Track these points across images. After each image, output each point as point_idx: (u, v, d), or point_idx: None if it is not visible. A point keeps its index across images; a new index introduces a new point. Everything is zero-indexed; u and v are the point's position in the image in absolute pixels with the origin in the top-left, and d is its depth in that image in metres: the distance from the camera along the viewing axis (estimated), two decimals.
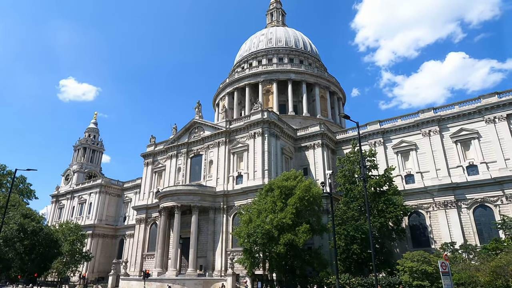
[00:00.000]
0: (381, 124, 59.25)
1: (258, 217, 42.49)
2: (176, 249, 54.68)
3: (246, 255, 43.55)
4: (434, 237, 48.51)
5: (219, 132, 61.48)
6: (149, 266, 59.23)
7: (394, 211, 42.10)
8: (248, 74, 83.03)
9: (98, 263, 79.79)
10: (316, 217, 45.51)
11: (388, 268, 40.99)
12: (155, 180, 70.36)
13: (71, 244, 64.94)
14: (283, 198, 43.25)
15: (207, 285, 46.93)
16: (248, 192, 53.45)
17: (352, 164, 46.24)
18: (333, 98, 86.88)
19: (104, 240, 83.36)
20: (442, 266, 14.63)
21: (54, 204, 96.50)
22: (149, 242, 65.76)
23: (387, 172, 45.58)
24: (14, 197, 37.79)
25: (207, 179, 60.39)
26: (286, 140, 61.07)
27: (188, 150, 65.76)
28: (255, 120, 57.40)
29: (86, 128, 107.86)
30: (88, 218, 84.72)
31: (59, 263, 62.31)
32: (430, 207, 50.08)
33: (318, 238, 47.99)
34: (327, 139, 61.35)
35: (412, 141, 55.05)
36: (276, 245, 40.29)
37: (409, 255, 35.59)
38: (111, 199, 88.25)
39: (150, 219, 67.20)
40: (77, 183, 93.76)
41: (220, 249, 53.62)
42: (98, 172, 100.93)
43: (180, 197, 55.77)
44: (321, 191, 45.14)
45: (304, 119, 75.85)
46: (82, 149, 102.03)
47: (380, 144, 57.65)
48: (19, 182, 65.65)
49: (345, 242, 41.72)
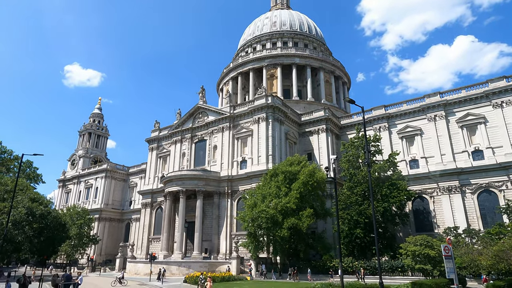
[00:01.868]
0: (386, 109, 58.79)
1: (263, 202, 42.86)
2: (182, 232, 55.53)
3: (251, 239, 44.16)
4: (438, 222, 48.76)
5: (223, 117, 61.41)
6: (155, 249, 60.33)
7: (397, 196, 42.23)
8: (252, 59, 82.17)
9: (106, 246, 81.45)
10: (320, 202, 45.85)
11: (391, 252, 41.43)
12: (160, 165, 70.90)
13: (79, 227, 66.24)
14: (287, 183, 43.49)
15: (212, 267, 47.83)
16: (252, 177, 53.76)
17: (357, 149, 46.15)
18: (338, 83, 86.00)
19: (110, 224, 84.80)
20: (445, 250, 14.73)
21: (61, 188, 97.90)
22: (155, 226, 66.81)
23: (392, 157, 45.51)
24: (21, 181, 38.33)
25: (212, 164, 60.74)
26: (290, 125, 60.90)
27: (192, 135, 65.91)
28: (259, 105, 57.16)
29: (90, 114, 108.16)
30: (95, 203, 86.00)
31: (68, 246, 63.73)
32: (434, 192, 50.13)
33: (322, 222, 48.43)
34: (332, 124, 61.10)
35: (417, 126, 54.67)
36: (280, 229, 40.76)
37: (412, 239, 35.85)
38: (116, 183, 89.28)
39: (155, 204, 68.08)
40: (83, 168, 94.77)
41: (224, 233, 54.39)
42: (104, 157, 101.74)
43: (184, 182, 56.27)
44: (325, 176, 45.24)
45: (309, 104, 75.36)
46: (87, 134, 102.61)
47: (384, 129, 57.37)
48: (26, 166, 66.53)
49: (348, 227, 42.11)
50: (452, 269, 14.43)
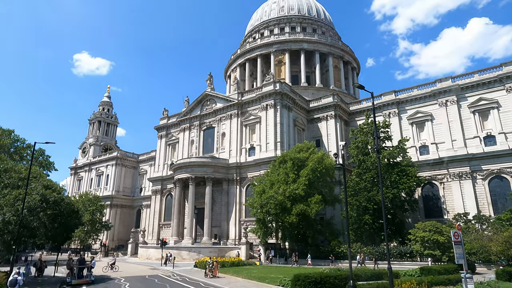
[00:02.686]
0: (396, 94, 57.95)
1: (271, 188, 43.09)
2: (192, 219, 56.39)
3: (259, 225, 44.62)
4: (447, 208, 48.50)
5: (231, 104, 61.32)
6: (166, 235, 61.49)
7: (407, 182, 41.99)
8: (259, 45, 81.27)
9: (118, 232, 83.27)
10: (329, 188, 45.92)
11: (400, 238, 41.51)
12: (169, 153, 71.54)
13: (91, 214, 67.62)
14: (295, 170, 43.56)
15: (222, 252, 48.63)
16: (260, 164, 53.94)
17: (366, 135, 45.77)
18: (347, 68, 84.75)
19: (122, 210, 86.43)
20: (454, 236, 14.68)
21: (73, 176, 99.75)
22: (165, 212, 67.92)
23: (401, 143, 45.07)
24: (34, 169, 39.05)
25: (220, 151, 61.03)
26: (298, 111, 60.55)
27: (201, 123, 66.09)
28: (267, 91, 56.83)
29: (100, 102, 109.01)
30: (106, 190, 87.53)
31: (81, 232, 65.26)
32: (444, 178, 49.70)
33: (330, 209, 48.60)
34: (340, 111, 60.56)
35: (428, 112, 53.85)
36: (288, 215, 41.06)
37: (421, 225, 35.82)
38: (127, 171, 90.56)
39: (165, 190, 69.00)
40: (93, 156, 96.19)
41: (233, 219, 55.04)
42: (114, 145, 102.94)
43: (194, 169, 56.79)
44: (333, 162, 45.21)
45: (317, 90, 74.62)
46: (97, 123, 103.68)
47: (394, 115, 56.67)
48: (38, 154, 67.63)
49: (357, 213, 42.18)
50: (461, 255, 14.41)
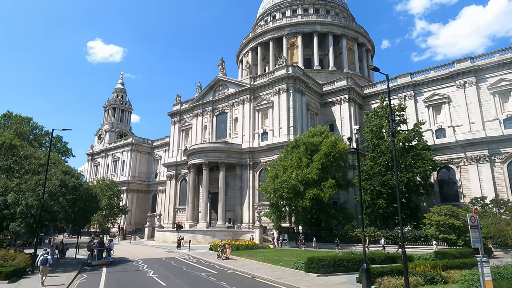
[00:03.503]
0: (412, 76, 56.50)
1: (284, 173, 43.19)
2: (206, 203, 57.29)
3: (273, 209, 45.00)
4: (464, 192, 47.75)
5: (243, 89, 61.06)
6: (181, 219, 62.81)
7: (422, 166, 41.38)
8: (271, 28, 79.98)
9: (134, 216, 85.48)
10: (342, 173, 45.73)
11: (414, 222, 41.29)
12: (183, 138, 72.23)
13: (109, 198, 69.50)
14: (308, 154, 43.44)
15: (236, 236, 49.46)
16: (273, 149, 53.95)
17: (380, 119, 45.05)
18: (361, 51, 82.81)
19: (138, 195, 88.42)
20: (471, 220, 14.47)
21: (90, 162, 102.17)
22: (180, 197, 69.15)
23: (417, 126, 44.22)
24: (53, 155, 40.15)
25: (233, 137, 61.22)
26: (311, 95, 59.88)
27: (213, 108, 66.20)
28: (280, 76, 56.26)
29: (114, 89, 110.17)
30: (122, 175, 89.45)
31: (100, 216, 67.33)
32: (461, 161, 48.75)
33: (344, 193, 48.51)
34: (354, 94, 59.58)
35: (445, 94, 52.44)
36: (302, 199, 41.22)
37: (436, 209, 35.43)
38: (142, 156, 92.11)
39: (180, 176, 70.05)
40: (109, 142, 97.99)
41: (247, 203, 55.64)
42: (128, 131, 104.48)
43: (207, 154, 57.29)
44: (347, 146, 44.83)
45: (331, 73, 73.38)
46: (112, 109, 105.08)
47: (410, 97, 55.42)
48: (56, 141, 69.41)
49: (371, 197, 42.01)
50: (477, 239, 14.24)
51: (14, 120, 62.33)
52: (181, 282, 21.76)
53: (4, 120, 63.12)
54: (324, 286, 19.17)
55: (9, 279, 21.66)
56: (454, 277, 18.74)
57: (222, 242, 35.68)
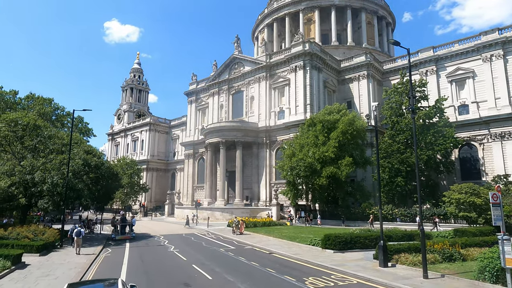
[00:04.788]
0: (435, 50, 54.26)
1: (301, 151, 43.12)
2: (223, 181, 58.20)
3: (290, 187, 45.30)
4: (486, 170, 46.55)
5: (259, 67, 60.34)
6: (199, 197, 64.25)
7: (443, 144, 40.39)
8: (287, 2, 77.70)
9: (154, 194, 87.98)
10: (360, 151, 45.26)
11: (433, 200, 40.78)
12: (200, 117, 72.73)
13: (129, 177, 71.63)
14: (325, 132, 43.07)
15: (253, 213, 50.35)
16: (290, 127, 53.69)
17: (400, 95, 43.84)
18: (381, 24, 79.71)
19: (157, 174, 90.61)
20: (493, 198, 14.17)
21: (110, 141, 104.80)
22: (198, 175, 70.46)
23: (438, 102, 42.87)
24: (75, 135, 41.44)
25: (249, 115, 61.15)
26: (329, 72, 58.64)
27: (229, 87, 65.97)
28: (296, 52, 55.13)
29: (130, 69, 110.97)
30: (142, 154, 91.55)
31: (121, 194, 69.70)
32: (484, 138, 47.27)
33: (361, 171, 48.18)
34: (373, 70, 57.94)
35: (469, 68, 50.27)
36: (318, 177, 41.24)
37: (457, 187, 34.80)
38: (160, 136, 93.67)
39: (197, 154, 71.08)
40: (128, 122, 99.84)
41: (264, 181, 56.17)
42: (146, 111, 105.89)
43: (224, 133, 57.64)
44: (365, 124, 44.18)
45: (349, 49, 71.30)
46: (129, 90, 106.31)
47: (432, 72, 53.45)
48: (77, 122, 71.27)
49: (389, 175, 41.56)
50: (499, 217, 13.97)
51: (36, 102, 64.14)
52: (201, 257, 22.51)
53: (27, 102, 65.05)
54: (341, 262, 19.44)
55: (40, 252, 22.99)
56: (473, 254, 18.60)
57: (237, 219, 37.55)
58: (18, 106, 62.52)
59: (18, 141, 33.78)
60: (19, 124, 33.24)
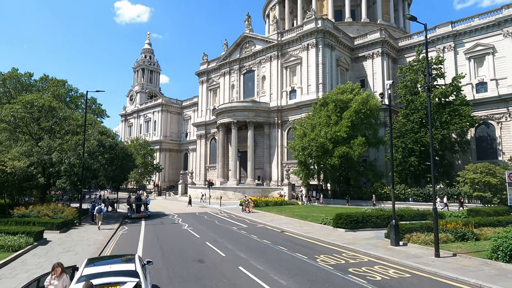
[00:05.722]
0: (453, 25, 52.17)
1: (312, 131, 42.84)
2: (235, 161, 58.63)
3: (301, 167, 45.36)
4: (503, 149, 45.50)
5: (270, 46, 59.32)
6: (212, 177, 65.05)
7: (459, 123, 39.44)
8: None
9: (168, 174, 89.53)
10: (373, 130, 44.74)
11: (447, 179, 40.33)
12: (211, 98, 72.63)
13: (143, 157, 72.84)
14: (338, 112, 42.56)
15: (265, 193, 50.86)
16: (302, 107, 53.20)
17: (415, 73, 42.67)
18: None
19: (170, 154, 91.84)
20: (509, 177, 13.97)
21: (124, 122, 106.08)
22: (210, 155, 71.12)
23: (455, 80, 41.57)
24: (89, 116, 42.06)
25: (261, 95, 60.71)
26: (342, 50, 57.26)
27: (240, 67, 65.29)
28: (308, 30, 53.83)
29: (141, 49, 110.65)
30: (155, 135, 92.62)
31: (136, 174, 71.15)
32: (502, 117, 45.95)
33: (374, 151, 47.76)
34: (388, 47, 56.28)
35: (489, 44, 48.32)
36: (330, 157, 41.09)
37: (472, 167, 34.28)
38: (172, 117, 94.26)
39: (209, 135, 71.47)
40: (140, 103, 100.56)
41: (276, 161, 56.35)
42: (158, 91, 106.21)
43: (235, 113, 57.56)
44: (379, 103, 43.38)
45: (363, 25, 69.15)
46: (141, 70, 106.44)
47: (450, 49, 51.62)
48: (91, 103, 72.03)
49: (402, 155, 41.12)
50: None
51: (50, 83, 64.90)
52: (214, 234, 23.03)
53: (42, 84, 65.89)
54: (352, 240, 19.61)
55: (60, 229, 23.91)
56: (486, 234, 18.48)
57: (247, 198, 38.63)
58: (33, 88, 63.48)
59: (35, 123, 34.52)
60: (35, 105, 33.84)
